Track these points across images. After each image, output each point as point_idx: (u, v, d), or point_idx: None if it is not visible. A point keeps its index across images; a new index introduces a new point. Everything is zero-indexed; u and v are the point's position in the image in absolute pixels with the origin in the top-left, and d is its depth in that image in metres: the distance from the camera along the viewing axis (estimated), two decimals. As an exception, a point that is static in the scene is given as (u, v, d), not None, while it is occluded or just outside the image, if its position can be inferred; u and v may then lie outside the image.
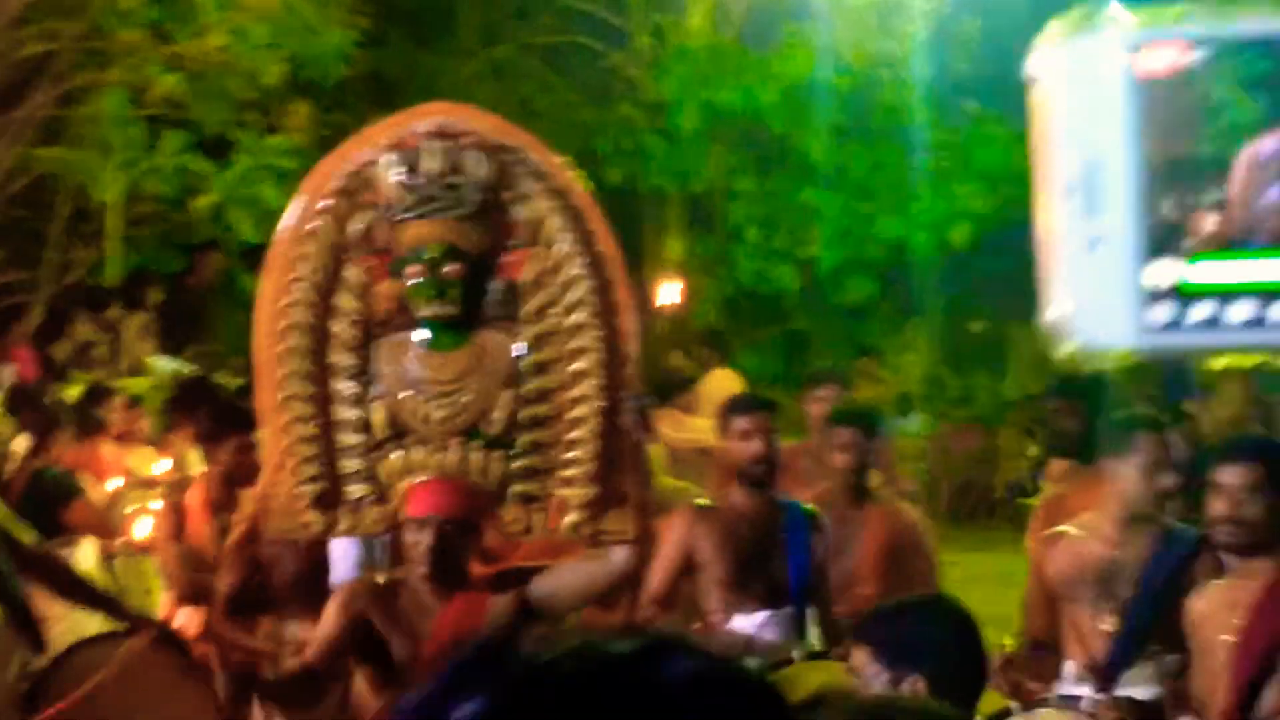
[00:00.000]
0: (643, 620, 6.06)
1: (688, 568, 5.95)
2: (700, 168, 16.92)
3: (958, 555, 12.62)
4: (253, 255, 11.52)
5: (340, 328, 4.60)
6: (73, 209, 12.92)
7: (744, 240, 16.79)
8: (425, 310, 4.51)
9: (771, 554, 5.87)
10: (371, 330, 4.61)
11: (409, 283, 4.54)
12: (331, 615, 4.61)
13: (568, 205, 4.44)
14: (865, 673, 3.48)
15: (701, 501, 6.14)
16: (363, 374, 4.60)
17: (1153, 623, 5.14)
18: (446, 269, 4.45)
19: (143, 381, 11.68)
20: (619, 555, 4.45)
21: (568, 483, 4.46)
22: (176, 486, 7.32)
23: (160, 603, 6.68)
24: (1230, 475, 4.73)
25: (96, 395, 9.41)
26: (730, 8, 17.30)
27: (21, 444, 8.30)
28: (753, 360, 17.10)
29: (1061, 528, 5.47)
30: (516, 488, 4.50)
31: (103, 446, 8.87)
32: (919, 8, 16.05)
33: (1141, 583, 5.22)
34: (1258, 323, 0.48)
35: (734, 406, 6.03)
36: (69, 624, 6.67)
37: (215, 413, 6.90)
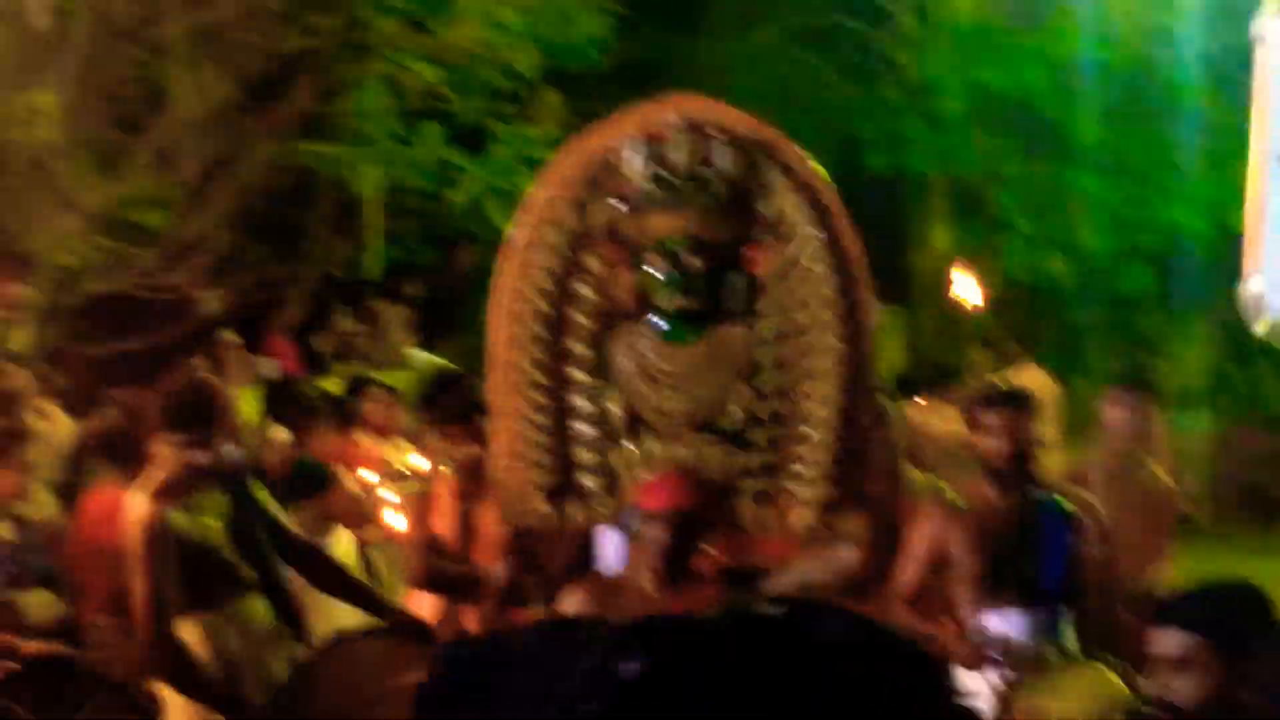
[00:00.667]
0: (895, 616, 6.12)
1: (938, 565, 5.97)
2: (965, 152, 16.67)
3: (1239, 560, 12.30)
4: (508, 247, 11.80)
5: (578, 317, 4.70)
6: (333, 203, 13.37)
7: (1013, 229, 16.48)
8: (665, 302, 4.57)
9: (1025, 552, 5.84)
10: (610, 320, 4.69)
11: (650, 274, 4.59)
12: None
13: (812, 200, 4.47)
14: (1188, 658, 3.39)
15: (953, 497, 6.14)
16: (599, 365, 4.69)
17: None
18: (689, 261, 4.51)
19: (401, 374, 12.07)
20: (847, 555, 4.45)
21: (800, 480, 4.49)
22: (426, 477, 7.59)
23: (405, 592, 6.91)
24: None
25: (355, 387, 9.77)
26: (1000, -20, 17.02)
27: (280, 435, 8.63)
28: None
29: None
30: (750, 483, 4.54)
31: (359, 438, 9.20)
32: (1197, -21, 15.60)
33: None
34: None
35: (985, 401, 5.99)
36: (325, 615, 6.97)
37: (457, 403, 7.13)
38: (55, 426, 8.16)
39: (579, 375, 4.71)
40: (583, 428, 4.70)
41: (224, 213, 9.59)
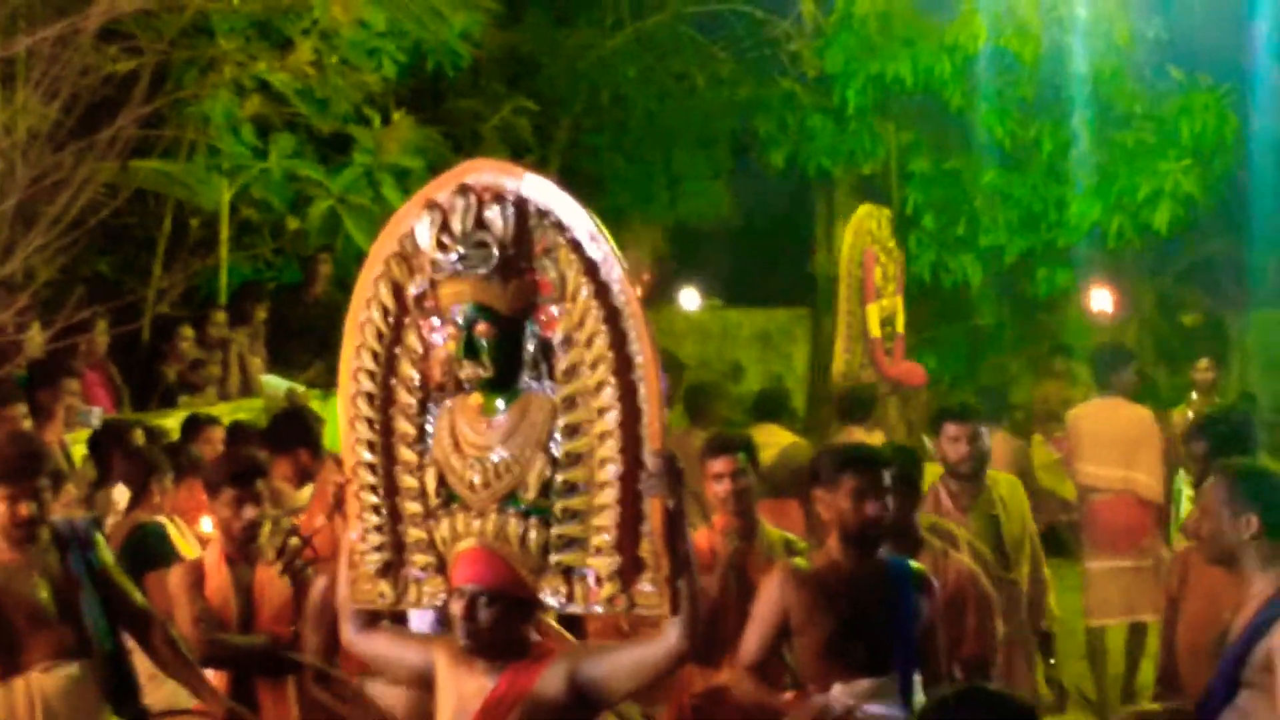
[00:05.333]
0: (739, 687, 6.21)
1: (785, 631, 6.06)
2: (870, 148, 16.85)
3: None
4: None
5: (403, 394, 4.80)
6: (178, 221, 13.29)
7: (920, 227, 16.66)
8: (464, 372, 4.62)
9: (874, 617, 5.94)
10: (431, 394, 4.78)
11: (451, 345, 4.67)
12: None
13: (585, 258, 4.51)
14: None
15: (799, 561, 6.24)
16: (422, 440, 4.79)
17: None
18: (477, 328, 4.58)
19: (254, 403, 12.06)
20: (673, 636, 4.48)
21: (599, 552, 4.54)
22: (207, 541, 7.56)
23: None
24: None
25: (193, 428, 9.64)
26: (902, -29, 17.15)
27: (121, 495, 8.50)
28: (931, 360, 17.03)
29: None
30: (555, 557, 4.60)
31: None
32: (1114, -34, 15.80)
33: None
34: None
35: (837, 465, 6.03)
36: (165, 693, 6.97)
37: (215, 466, 7.19)
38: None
39: (405, 452, 4.80)
40: (411, 505, 4.79)
41: (50, 244, 9.49)
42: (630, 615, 4.68)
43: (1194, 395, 11.76)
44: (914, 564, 6.19)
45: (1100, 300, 15.35)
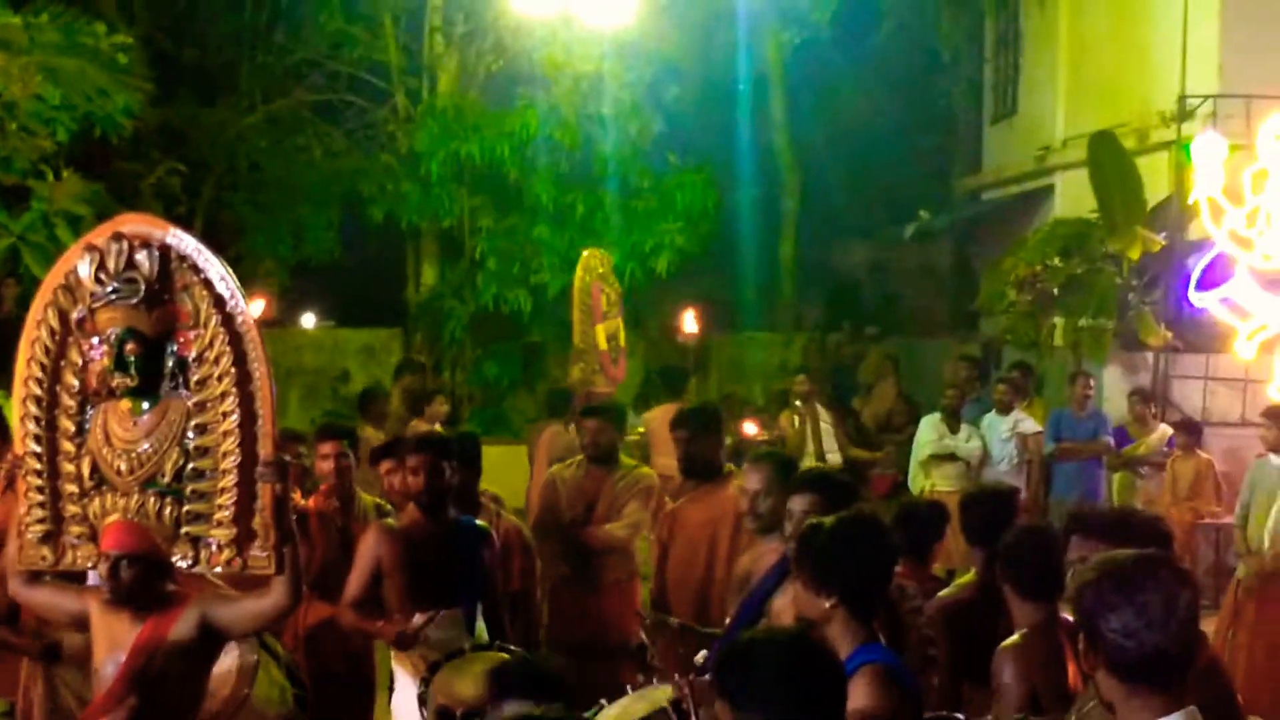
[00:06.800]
0: (344, 619, 6.11)
1: (378, 575, 6.01)
2: (448, 208, 16.90)
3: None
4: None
5: (65, 398, 4.71)
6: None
7: (486, 268, 16.82)
8: (114, 382, 4.58)
9: (445, 563, 5.95)
10: (89, 398, 4.69)
11: (106, 360, 4.59)
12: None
13: (215, 294, 4.51)
14: None
15: (389, 521, 6.22)
16: (80, 434, 4.70)
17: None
18: (127, 347, 4.52)
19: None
20: (279, 592, 4.53)
21: (220, 524, 4.54)
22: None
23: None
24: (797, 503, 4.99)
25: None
26: (472, 74, 17.44)
27: None
28: (494, 368, 17.22)
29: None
30: (186, 529, 4.58)
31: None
32: (625, 78, 16.35)
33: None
34: None
35: (406, 447, 6.07)
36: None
37: None
38: None
39: (66, 444, 4.71)
40: (69, 486, 4.70)
41: None
42: (244, 575, 4.65)
43: (796, 402, 12.13)
44: (478, 521, 6.21)
45: (689, 324, 15.71)
